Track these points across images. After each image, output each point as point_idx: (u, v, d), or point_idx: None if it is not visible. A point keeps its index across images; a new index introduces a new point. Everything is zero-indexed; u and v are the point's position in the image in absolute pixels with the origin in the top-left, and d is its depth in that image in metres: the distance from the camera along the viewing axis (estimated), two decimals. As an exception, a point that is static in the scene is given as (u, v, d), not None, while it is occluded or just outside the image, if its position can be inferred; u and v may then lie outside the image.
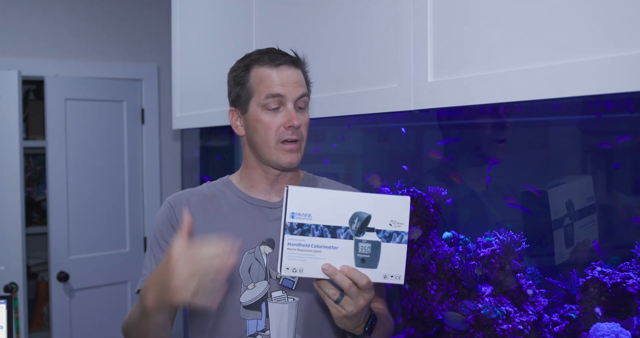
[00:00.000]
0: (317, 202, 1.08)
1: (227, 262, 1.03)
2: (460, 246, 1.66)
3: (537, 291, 1.49)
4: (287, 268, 1.07)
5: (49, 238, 3.20)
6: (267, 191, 1.39)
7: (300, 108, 1.33)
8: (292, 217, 1.07)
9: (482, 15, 1.21)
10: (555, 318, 1.44)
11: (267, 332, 1.32)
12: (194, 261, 1.01)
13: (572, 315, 1.39)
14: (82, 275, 3.28)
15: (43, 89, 3.26)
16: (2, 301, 1.63)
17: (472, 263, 1.58)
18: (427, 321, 1.61)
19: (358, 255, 1.09)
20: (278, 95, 1.30)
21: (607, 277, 1.32)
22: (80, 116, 3.29)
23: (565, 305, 1.43)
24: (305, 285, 1.34)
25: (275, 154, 1.32)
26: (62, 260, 3.22)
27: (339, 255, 1.08)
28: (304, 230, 1.07)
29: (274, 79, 1.31)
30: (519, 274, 1.51)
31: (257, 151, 1.34)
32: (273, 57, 1.33)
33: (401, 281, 1.11)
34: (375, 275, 1.09)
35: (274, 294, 1.33)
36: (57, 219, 3.21)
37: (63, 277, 3.20)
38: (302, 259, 1.07)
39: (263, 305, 1.32)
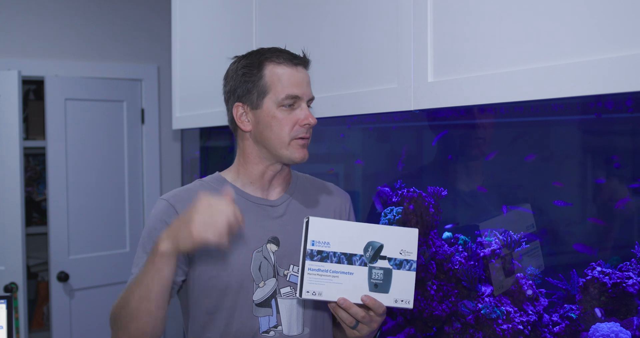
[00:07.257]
0: (335, 231, 1.17)
1: (237, 222, 1.14)
2: (461, 246, 1.65)
3: (537, 291, 1.49)
4: (308, 292, 1.15)
5: (49, 238, 3.20)
6: (264, 188, 1.40)
7: (309, 108, 1.39)
8: (313, 244, 1.16)
9: (482, 16, 1.21)
10: (555, 318, 1.44)
11: (280, 328, 1.35)
12: (212, 213, 1.12)
13: (572, 315, 1.39)
14: (82, 275, 3.28)
15: (43, 89, 3.26)
16: (2, 301, 1.63)
17: (471, 263, 1.58)
18: (427, 321, 1.61)
19: (372, 280, 1.18)
20: (296, 96, 1.34)
21: (607, 277, 1.32)
22: (80, 116, 3.28)
23: (565, 305, 1.43)
24: None
25: (289, 150, 1.35)
26: (62, 260, 3.22)
27: (355, 280, 1.17)
28: (323, 256, 1.16)
29: (293, 80, 1.34)
30: (519, 274, 1.51)
31: (267, 146, 1.35)
32: (291, 56, 1.36)
33: (410, 306, 1.20)
34: (386, 299, 1.18)
35: (283, 290, 1.36)
36: (57, 219, 3.21)
37: (63, 277, 3.20)
38: (321, 283, 1.16)
39: (273, 302, 1.36)
